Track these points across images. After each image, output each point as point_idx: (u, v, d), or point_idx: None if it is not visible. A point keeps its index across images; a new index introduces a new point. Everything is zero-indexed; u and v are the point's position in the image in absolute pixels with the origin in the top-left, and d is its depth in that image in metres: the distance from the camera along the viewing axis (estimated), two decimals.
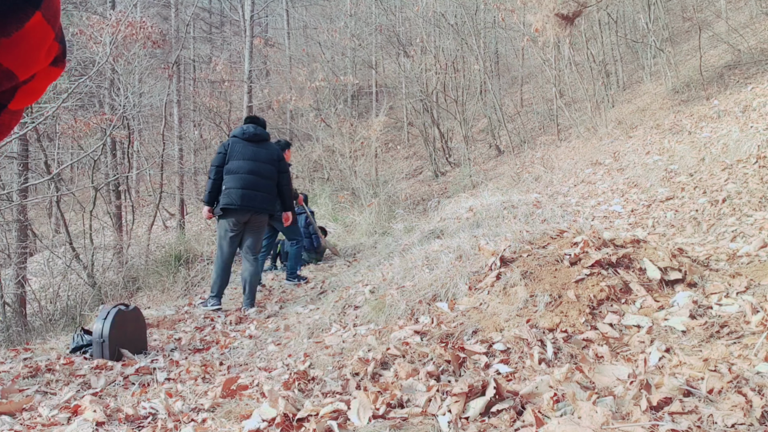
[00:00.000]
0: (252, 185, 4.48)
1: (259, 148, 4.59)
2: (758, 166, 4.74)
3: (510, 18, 12.60)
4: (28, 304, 7.94)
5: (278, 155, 4.67)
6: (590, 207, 5.91)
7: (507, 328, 2.44)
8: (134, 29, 10.17)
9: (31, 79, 0.50)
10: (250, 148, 4.55)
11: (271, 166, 4.59)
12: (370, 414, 1.78)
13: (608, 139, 9.16)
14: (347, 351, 2.65)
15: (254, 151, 4.55)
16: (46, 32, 0.47)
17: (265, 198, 4.56)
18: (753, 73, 8.58)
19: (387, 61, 20.17)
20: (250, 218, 4.59)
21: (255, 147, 4.57)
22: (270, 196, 4.61)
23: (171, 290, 6.87)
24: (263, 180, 4.54)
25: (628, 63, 14.52)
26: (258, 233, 4.74)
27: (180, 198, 14.49)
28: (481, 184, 10.77)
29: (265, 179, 4.56)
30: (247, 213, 4.53)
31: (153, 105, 15.92)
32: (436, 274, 3.27)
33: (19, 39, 0.45)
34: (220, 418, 2.03)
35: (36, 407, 2.38)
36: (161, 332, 4.13)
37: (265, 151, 4.61)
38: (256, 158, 4.53)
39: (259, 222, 4.68)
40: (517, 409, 1.70)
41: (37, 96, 0.52)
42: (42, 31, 0.46)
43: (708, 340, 2.05)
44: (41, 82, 0.51)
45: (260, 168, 4.53)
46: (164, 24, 18.42)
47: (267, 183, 4.57)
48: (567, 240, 3.06)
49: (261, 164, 4.54)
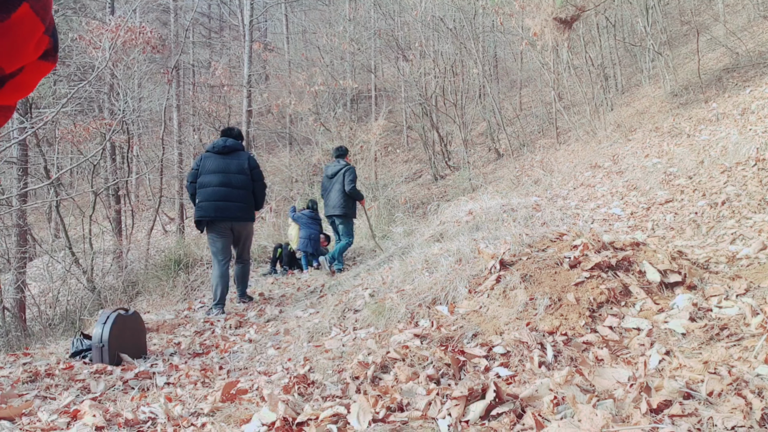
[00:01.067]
0: (223, 197, 4.61)
1: (230, 159, 4.69)
2: (757, 168, 4.75)
3: (508, 22, 12.64)
4: (28, 308, 7.93)
5: (250, 164, 4.77)
6: (590, 210, 5.92)
7: (507, 331, 2.44)
8: (134, 34, 10.19)
9: (19, 72, 0.48)
10: (220, 160, 4.67)
11: (242, 176, 4.69)
12: (370, 418, 1.78)
13: (607, 142, 9.18)
14: (347, 355, 2.65)
15: (225, 163, 4.67)
16: (34, 24, 0.45)
17: (239, 207, 4.68)
18: (751, 76, 8.60)
19: (386, 65, 20.23)
20: (232, 228, 4.74)
21: (225, 159, 4.68)
22: (245, 205, 4.72)
23: (170, 294, 6.86)
24: (235, 190, 4.65)
25: (627, 66, 14.55)
26: (245, 241, 4.91)
27: (180, 202, 14.49)
28: (480, 188, 10.78)
29: (238, 189, 4.66)
30: (225, 222, 4.67)
31: (152, 109, 15.94)
32: (435, 278, 3.27)
33: (5, 29, 0.43)
34: (219, 423, 2.03)
35: (35, 412, 2.37)
36: (161, 336, 4.13)
37: (236, 161, 4.70)
38: (227, 170, 4.65)
39: (242, 230, 4.83)
40: (517, 413, 1.69)
41: (26, 91, 0.50)
42: (30, 22, 0.45)
43: (708, 343, 2.05)
44: (30, 76, 0.49)
45: (231, 179, 4.64)
46: (163, 29, 18.45)
47: (240, 193, 4.68)
48: (566, 243, 3.06)
49: (232, 175, 4.65)
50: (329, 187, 6.52)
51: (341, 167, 6.47)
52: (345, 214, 6.45)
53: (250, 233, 4.98)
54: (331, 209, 6.49)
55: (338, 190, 6.38)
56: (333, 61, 18.27)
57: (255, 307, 5.04)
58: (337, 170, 6.47)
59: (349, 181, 6.31)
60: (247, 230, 4.90)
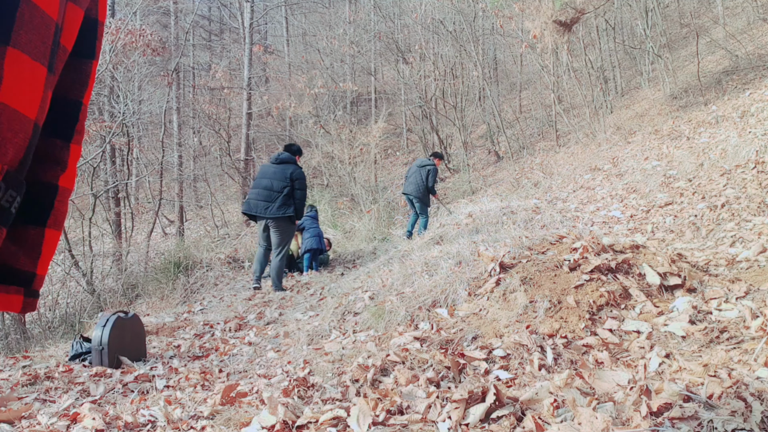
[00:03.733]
0: (264, 197, 5.64)
1: (279, 168, 5.74)
2: (756, 171, 4.75)
3: (508, 25, 12.67)
4: None
5: (293, 175, 5.74)
6: (589, 212, 5.92)
7: (507, 334, 2.44)
8: (134, 37, 10.21)
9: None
10: (271, 168, 5.78)
11: (283, 183, 5.67)
12: (369, 421, 1.78)
13: (607, 145, 9.19)
14: (347, 357, 2.65)
15: (274, 170, 5.73)
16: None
17: (274, 207, 5.62)
18: (751, 78, 8.62)
19: (386, 67, 20.26)
20: (267, 222, 5.70)
21: (276, 167, 5.76)
22: (280, 206, 5.64)
23: (170, 297, 6.86)
24: (274, 193, 5.65)
25: (626, 69, 14.57)
26: (279, 235, 5.72)
27: (179, 205, 14.49)
28: (480, 190, 10.80)
29: (276, 192, 5.65)
30: (262, 218, 5.67)
31: (152, 112, 15.94)
32: (435, 280, 3.26)
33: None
34: (219, 426, 2.02)
35: (35, 415, 2.37)
36: (160, 339, 4.12)
37: (283, 170, 5.73)
38: (273, 176, 5.70)
39: (277, 226, 5.67)
40: (517, 416, 1.69)
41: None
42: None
43: (708, 346, 2.05)
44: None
45: (273, 184, 5.66)
46: (164, 32, 18.49)
47: (277, 195, 5.65)
48: (566, 246, 3.07)
49: (275, 181, 5.67)
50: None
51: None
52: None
53: (284, 231, 5.72)
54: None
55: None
56: (333, 64, 18.29)
57: (255, 309, 5.03)
58: None
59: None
60: (280, 228, 5.68)
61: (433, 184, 7.86)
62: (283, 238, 5.76)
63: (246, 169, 15.63)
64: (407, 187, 7.98)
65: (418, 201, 7.86)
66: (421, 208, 7.91)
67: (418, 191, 7.81)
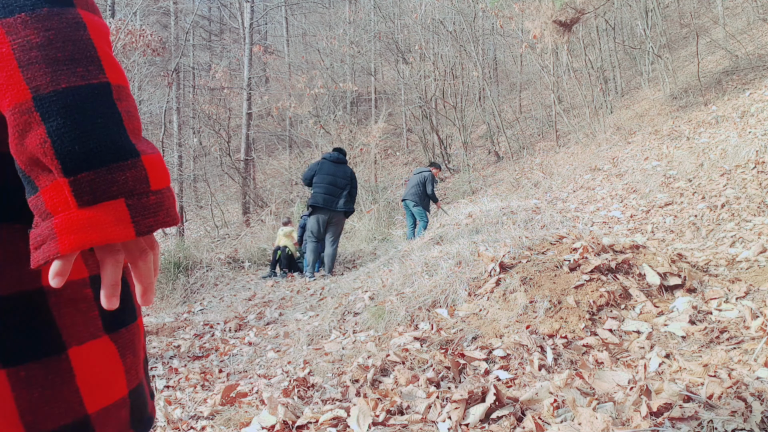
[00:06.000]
0: (330, 192, 6.35)
1: (339, 167, 6.46)
2: (756, 171, 4.75)
3: (508, 25, 12.67)
4: None
5: (350, 174, 6.54)
6: (589, 213, 5.92)
7: (507, 334, 2.44)
8: (134, 37, 10.21)
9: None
10: (333, 166, 6.45)
11: (345, 180, 6.45)
12: (369, 421, 1.78)
13: (607, 145, 9.19)
14: (347, 358, 2.65)
15: (335, 168, 6.44)
16: None
17: (339, 201, 6.35)
18: (751, 78, 8.62)
19: (386, 68, 20.26)
20: (329, 216, 6.37)
21: (336, 166, 6.46)
22: (343, 200, 6.37)
23: (170, 297, 6.86)
24: (338, 189, 6.40)
25: (626, 69, 14.57)
26: (338, 227, 6.47)
27: (179, 205, 14.48)
28: (480, 190, 10.80)
29: (340, 189, 6.40)
30: (327, 210, 6.35)
31: (152, 112, 15.94)
32: (435, 281, 3.26)
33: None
34: (219, 426, 2.03)
35: None
36: (160, 339, 4.12)
37: (342, 170, 6.47)
38: (335, 174, 6.42)
39: (337, 219, 6.42)
40: (517, 416, 1.69)
41: None
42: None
43: (708, 346, 2.05)
44: None
45: (337, 181, 6.40)
46: (164, 32, 18.49)
47: (340, 191, 6.40)
48: (566, 246, 3.07)
49: (338, 178, 6.41)
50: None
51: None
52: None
53: (341, 224, 6.51)
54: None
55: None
56: (333, 64, 18.29)
57: (255, 310, 5.03)
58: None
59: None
60: (341, 221, 6.47)
61: (433, 191, 7.98)
62: (339, 229, 6.60)
63: (246, 169, 15.63)
64: (406, 194, 8.12)
65: (417, 206, 7.95)
66: (420, 212, 7.99)
67: (416, 197, 7.93)
